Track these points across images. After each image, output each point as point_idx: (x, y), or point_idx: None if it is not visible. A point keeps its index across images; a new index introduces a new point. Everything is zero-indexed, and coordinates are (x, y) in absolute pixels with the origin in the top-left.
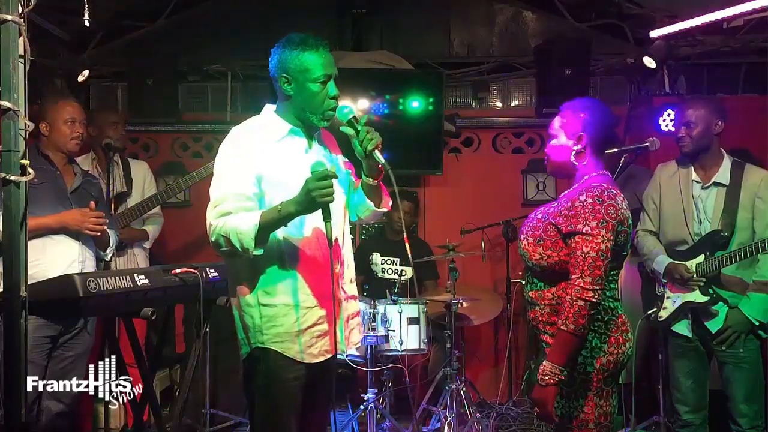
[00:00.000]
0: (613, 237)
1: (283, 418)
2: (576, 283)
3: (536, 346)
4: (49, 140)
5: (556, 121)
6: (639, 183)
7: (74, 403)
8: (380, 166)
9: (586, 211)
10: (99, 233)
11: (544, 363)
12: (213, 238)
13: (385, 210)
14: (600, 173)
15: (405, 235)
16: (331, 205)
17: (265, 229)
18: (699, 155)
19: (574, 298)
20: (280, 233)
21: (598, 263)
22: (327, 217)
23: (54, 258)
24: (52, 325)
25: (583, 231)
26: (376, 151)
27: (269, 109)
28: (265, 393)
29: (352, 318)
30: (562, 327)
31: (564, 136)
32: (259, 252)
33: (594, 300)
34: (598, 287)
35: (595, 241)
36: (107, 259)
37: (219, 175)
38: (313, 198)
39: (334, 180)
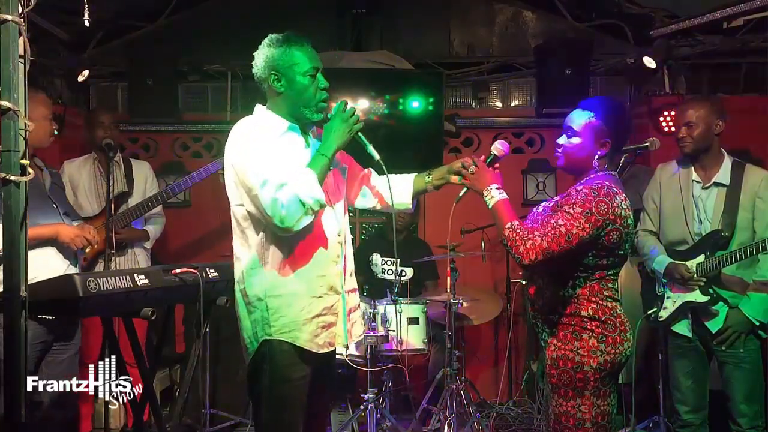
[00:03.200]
0: (592, 231)
1: (291, 418)
2: (534, 236)
3: (536, 345)
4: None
5: (581, 119)
6: (641, 183)
7: (65, 405)
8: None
9: (578, 197)
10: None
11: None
12: (285, 210)
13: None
14: (607, 173)
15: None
16: (333, 201)
17: (320, 178)
18: (699, 155)
19: (526, 238)
20: None
21: (560, 240)
22: (366, 141)
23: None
24: (48, 330)
25: (567, 210)
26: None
27: (262, 108)
28: (272, 393)
29: (354, 311)
30: (507, 227)
31: (589, 138)
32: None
33: (525, 263)
34: (541, 258)
35: (571, 222)
36: (86, 251)
37: (251, 159)
38: (348, 130)
39: (337, 173)
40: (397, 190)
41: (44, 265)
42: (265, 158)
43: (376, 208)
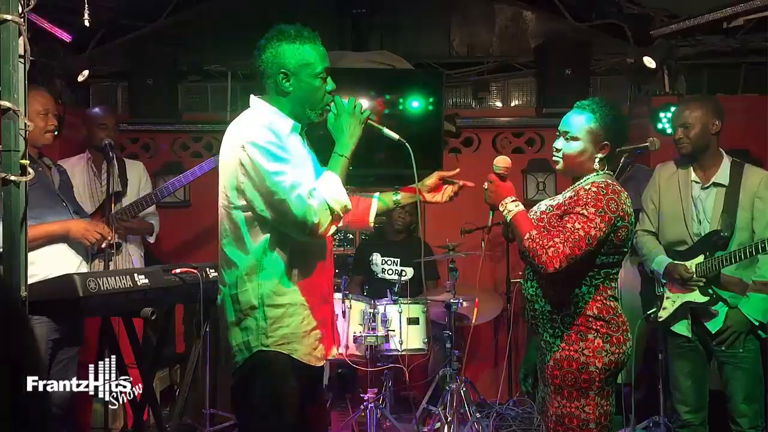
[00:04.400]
0: (607, 229)
1: (284, 430)
2: (555, 242)
3: (527, 347)
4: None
5: (579, 122)
6: (641, 183)
7: (66, 405)
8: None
9: (589, 197)
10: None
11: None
12: (318, 217)
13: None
14: (606, 172)
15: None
16: None
17: (343, 181)
18: (698, 156)
19: (547, 246)
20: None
21: (581, 243)
22: (380, 126)
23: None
24: (59, 328)
25: (580, 212)
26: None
27: (262, 103)
28: (265, 406)
29: (336, 319)
30: (526, 238)
31: (588, 142)
32: None
33: (550, 272)
34: (565, 265)
35: (588, 224)
36: (95, 250)
37: (273, 161)
38: (359, 122)
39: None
40: (362, 208)
41: (57, 261)
42: (288, 161)
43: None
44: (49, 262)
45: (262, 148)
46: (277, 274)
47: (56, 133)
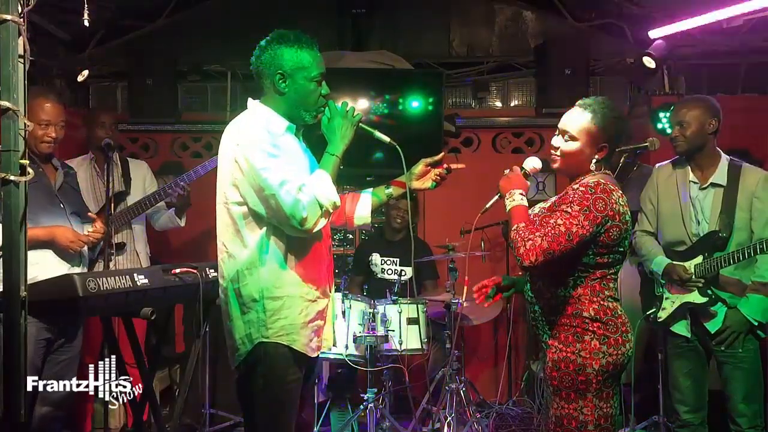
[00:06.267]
0: (592, 228)
1: (287, 420)
2: (534, 236)
3: (536, 345)
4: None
5: (579, 122)
6: (643, 183)
7: (65, 405)
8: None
9: (576, 195)
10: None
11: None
12: (306, 212)
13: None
14: (603, 172)
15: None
16: None
17: (334, 179)
18: (695, 155)
19: (527, 239)
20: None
21: (560, 239)
22: (371, 129)
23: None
24: (49, 328)
25: (565, 209)
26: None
27: (259, 104)
28: (268, 396)
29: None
30: (513, 229)
31: (586, 143)
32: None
33: (526, 265)
34: (542, 259)
35: (571, 221)
36: (95, 255)
37: (266, 158)
38: (351, 124)
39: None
40: (358, 205)
41: (43, 267)
42: (280, 158)
43: (334, 225)
44: (33, 269)
45: (255, 146)
46: (276, 267)
47: (53, 144)
